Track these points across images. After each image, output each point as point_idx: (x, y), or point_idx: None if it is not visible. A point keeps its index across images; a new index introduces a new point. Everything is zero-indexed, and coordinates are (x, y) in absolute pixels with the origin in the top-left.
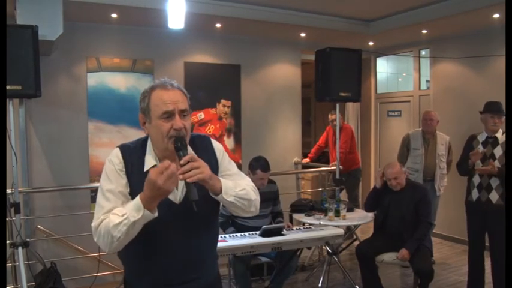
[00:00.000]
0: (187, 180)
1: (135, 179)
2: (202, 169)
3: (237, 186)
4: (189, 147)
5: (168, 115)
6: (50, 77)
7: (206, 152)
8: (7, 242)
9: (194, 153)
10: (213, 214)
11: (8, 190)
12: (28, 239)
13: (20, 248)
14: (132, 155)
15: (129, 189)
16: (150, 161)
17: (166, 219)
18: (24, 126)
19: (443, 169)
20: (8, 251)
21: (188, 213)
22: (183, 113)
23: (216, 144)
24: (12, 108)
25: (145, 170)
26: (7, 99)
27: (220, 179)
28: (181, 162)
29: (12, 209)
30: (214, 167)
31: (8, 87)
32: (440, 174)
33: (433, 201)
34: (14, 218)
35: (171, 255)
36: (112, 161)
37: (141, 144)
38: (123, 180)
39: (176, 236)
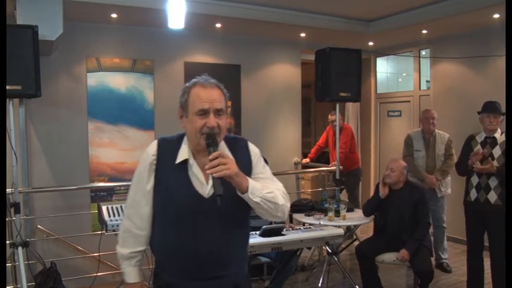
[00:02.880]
0: (214, 175)
1: (165, 171)
2: (229, 165)
3: (264, 189)
4: (224, 146)
5: (203, 112)
6: (50, 77)
7: (242, 153)
8: (7, 242)
9: (223, 151)
10: (242, 213)
11: (8, 190)
12: (28, 239)
13: (20, 248)
14: (168, 147)
15: (153, 184)
16: (182, 153)
17: (194, 212)
18: (24, 126)
19: (443, 167)
20: (8, 251)
21: (216, 208)
22: (218, 112)
23: (252, 147)
24: (12, 108)
25: (176, 162)
26: (7, 99)
27: (249, 179)
28: (210, 157)
29: (12, 209)
30: (248, 169)
31: (8, 87)
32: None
33: (437, 202)
34: (14, 218)
35: (198, 249)
36: (148, 153)
37: (179, 138)
38: (150, 177)
39: (203, 231)
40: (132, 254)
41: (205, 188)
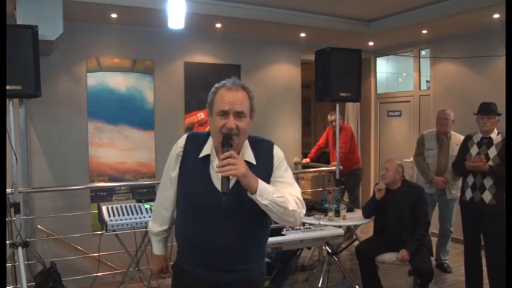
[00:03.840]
0: (222, 174)
1: (189, 163)
2: (238, 166)
3: (276, 192)
4: (248, 147)
5: (223, 113)
6: (50, 77)
7: (265, 156)
8: (7, 242)
9: (234, 152)
10: (258, 212)
11: (8, 190)
12: (28, 239)
13: (20, 248)
14: (195, 142)
15: (177, 173)
16: (206, 149)
17: (210, 205)
18: (24, 126)
19: None
20: (8, 251)
21: (232, 204)
22: (238, 114)
23: (276, 151)
24: (12, 108)
25: (199, 156)
26: (7, 99)
27: (261, 182)
28: (221, 157)
29: (12, 209)
30: (269, 171)
31: (8, 87)
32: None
33: (447, 205)
34: (14, 218)
35: (210, 241)
36: (177, 144)
37: (207, 134)
38: (176, 166)
39: (217, 224)
40: (159, 232)
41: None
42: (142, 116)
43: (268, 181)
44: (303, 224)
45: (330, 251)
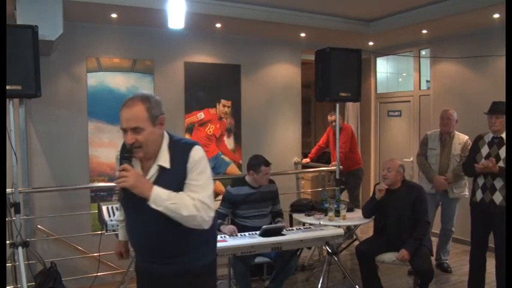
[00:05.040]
0: (117, 185)
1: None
2: (127, 179)
3: (170, 199)
4: (165, 150)
5: (123, 131)
6: (50, 77)
7: (179, 159)
8: (7, 242)
9: (127, 165)
10: None
11: (8, 190)
12: (28, 239)
13: (20, 248)
14: (124, 148)
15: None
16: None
17: (132, 206)
18: (24, 126)
19: (457, 169)
20: (8, 251)
21: (146, 205)
22: (134, 130)
23: (194, 153)
24: (12, 108)
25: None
26: (7, 99)
27: (155, 190)
28: (117, 170)
29: (12, 209)
30: (183, 174)
31: (8, 87)
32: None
33: (449, 204)
34: (14, 218)
35: (139, 238)
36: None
37: None
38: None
39: (140, 223)
40: (120, 220)
41: None
42: None
43: (183, 183)
44: (303, 224)
45: (330, 251)
